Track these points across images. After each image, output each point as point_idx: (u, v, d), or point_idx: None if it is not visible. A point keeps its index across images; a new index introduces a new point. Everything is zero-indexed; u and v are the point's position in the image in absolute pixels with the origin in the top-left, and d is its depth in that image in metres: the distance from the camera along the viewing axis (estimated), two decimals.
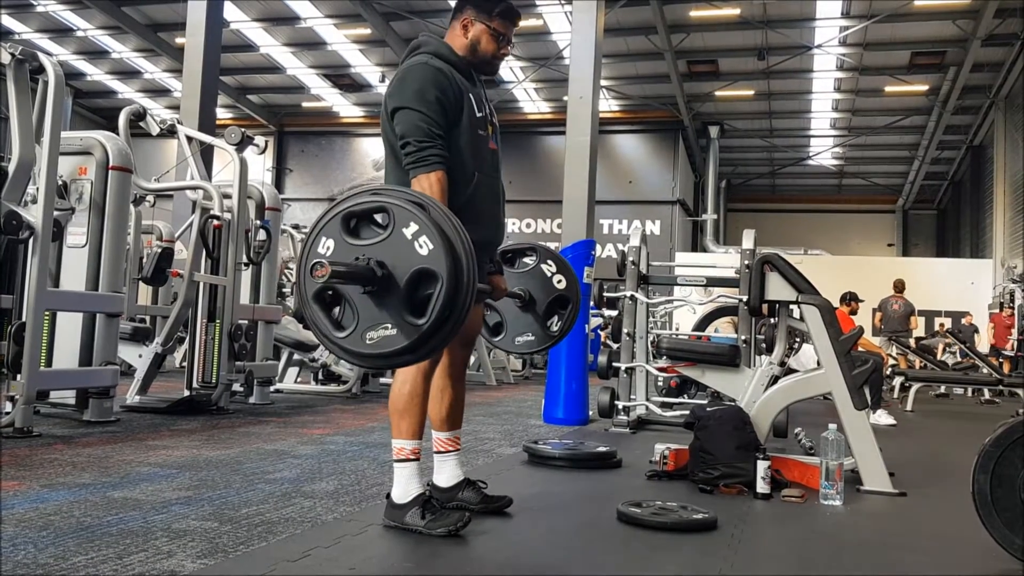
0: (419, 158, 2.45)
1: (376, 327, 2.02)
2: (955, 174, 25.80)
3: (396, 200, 2.03)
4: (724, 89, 20.36)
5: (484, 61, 2.70)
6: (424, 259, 1.98)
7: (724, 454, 3.47)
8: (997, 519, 2.34)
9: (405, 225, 2.00)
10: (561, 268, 3.21)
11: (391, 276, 2.01)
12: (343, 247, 2.06)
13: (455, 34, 2.68)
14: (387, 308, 2.01)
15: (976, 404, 10.11)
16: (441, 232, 1.99)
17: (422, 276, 1.99)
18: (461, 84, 2.58)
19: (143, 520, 2.54)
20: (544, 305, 3.19)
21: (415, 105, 2.47)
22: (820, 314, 3.67)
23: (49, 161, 4.24)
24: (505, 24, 2.68)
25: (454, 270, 1.97)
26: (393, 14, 17.80)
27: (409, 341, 2.00)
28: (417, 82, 2.50)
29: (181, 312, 5.71)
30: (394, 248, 2.01)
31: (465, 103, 2.57)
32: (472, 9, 2.66)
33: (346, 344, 2.05)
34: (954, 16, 15.98)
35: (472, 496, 2.77)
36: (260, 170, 22.30)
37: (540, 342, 3.24)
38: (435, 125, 2.47)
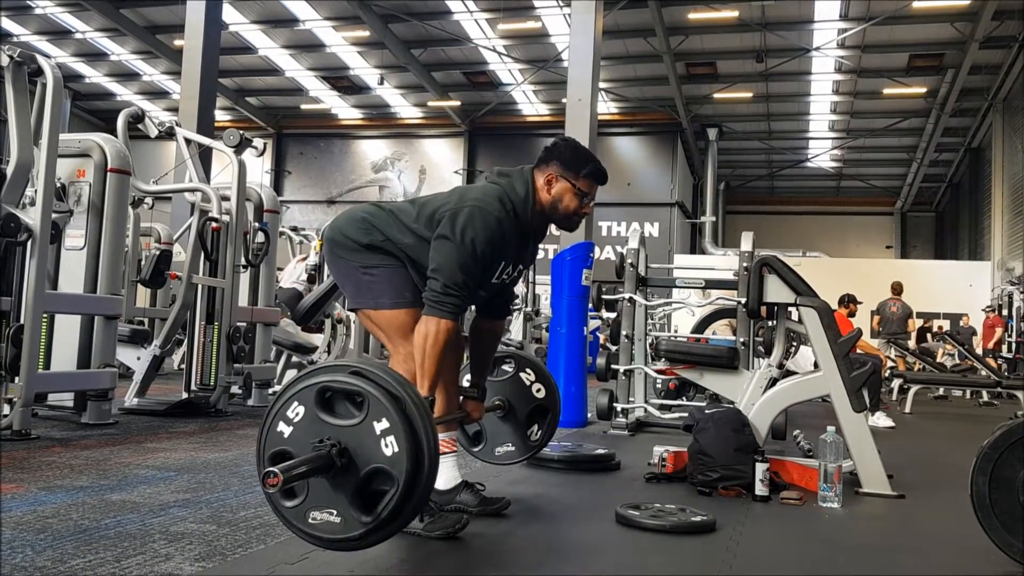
0: (441, 301, 2.46)
1: (321, 509, 1.99)
2: (953, 176, 25.83)
3: (374, 390, 1.98)
4: (723, 91, 20.38)
5: (563, 218, 2.67)
6: (387, 459, 1.95)
7: (723, 456, 3.47)
8: (996, 521, 2.34)
9: (377, 419, 1.96)
10: (540, 377, 3.19)
11: (351, 464, 1.97)
12: (312, 419, 2.01)
13: (539, 185, 2.64)
14: (338, 493, 1.98)
15: (975, 406, 10.11)
16: (411, 434, 1.95)
17: (380, 474, 1.97)
18: (508, 248, 2.58)
19: (141, 523, 2.53)
20: (524, 415, 3.17)
21: (464, 251, 2.46)
22: (819, 316, 3.67)
23: (47, 163, 4.24)
24: (591, 184, 2.66)
25: (413, 478, 1.95)
26: (392, 16, 17.81)
27: (351, 534, 1.98)
28: (478, 230, 2.47)
29: (179, 314, 5.70)
30: (361, 437, 1.97)
31: (493, 266, 2.59)
32: (559, 165, 2.63)
33: (289, 515, 2.02)
34: (952, 18, 16.00)
35: (470, 498, 2.77)
36: (259, 172, 22.30)
37: (520, 452, 3.23)
38: (471, 278, 2.49)
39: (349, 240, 2.63)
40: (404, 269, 2.59)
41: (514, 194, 2.59)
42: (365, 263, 2.61)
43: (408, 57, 19.67)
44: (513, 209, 2.57)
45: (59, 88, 4.33)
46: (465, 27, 18.27)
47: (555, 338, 6.15)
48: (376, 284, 2.61)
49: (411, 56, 19.76)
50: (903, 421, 7.45)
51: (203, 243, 5.57)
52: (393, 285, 2.59)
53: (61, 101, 4.38)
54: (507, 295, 2.87)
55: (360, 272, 2.62)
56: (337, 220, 2.72)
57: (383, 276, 2.60)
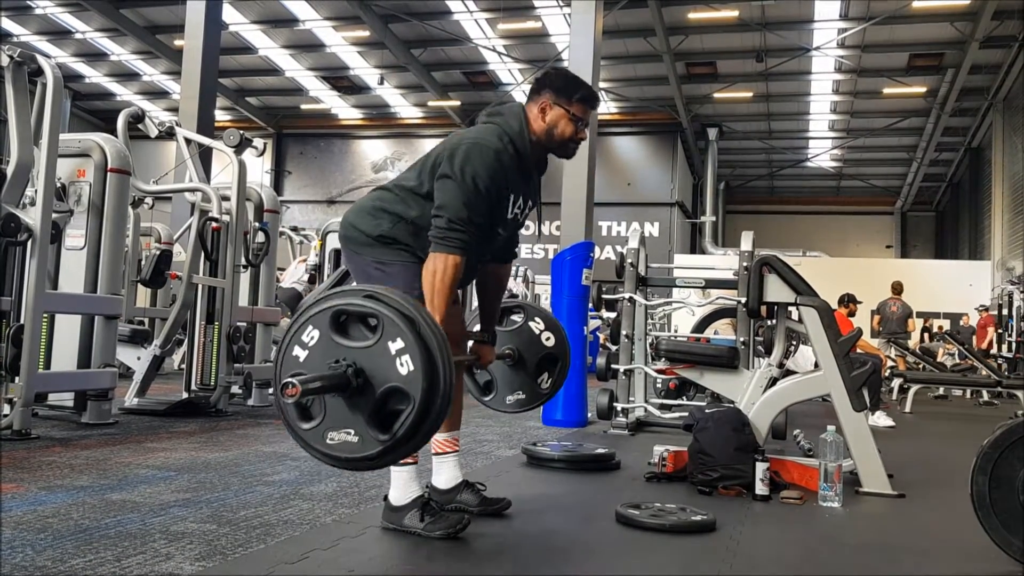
0: (447, 236, 2.46)
1: (339, 429, 2.01)
2: (953, 176, 25.84)
3: (388, 311, 2.00)
4: (723, 91, 20.39)
5: (559, 145, 2.68)
6: (402, 378, 1.96)
7: (723, 456, 3.47)
8: (996, 521, 2.34)
9: (392, 339, 1.98)
10: (549, 326, 3.18)
11: (367, 385, 1.99)
12: (327, 342, 2.03)
13: (532, 115, 2.65)
14: (355, 413, 2.00)
15: (975, 405, 10.11)
16: (426, 353, 1.96)
17: (396, 393, 1.98)
18: (512, 181, 2.58)
19: (141, 522, 2.54)
20: (533, 364, 3.17)
21: (466, 186, 2.46)
22: (819, 316, 3.67)
23: (47, 163, 4.24)
24: (584, 109, 2.67)
25: (428, 396, 1.95)
26: (392, 16, 17.82)
27: (367, 452, 1.99)
28: (478, 165, 2.48)
29: (180, 314, 5.70)
30: (376, 359, 1.99)
31: (503, 201, 2.58)
32: (551, 92, 2.64)
33: (307, 437, 2.03)
34: (952, 18, 16.01)
35: (471, 498, 2.77)
36: (259, 172, 22.30)
37: (531, 400, 3.22)
38: (476, 213, 2.48)
39: (360, 233, 2.62)
40: (417, 265, 2.58)
41: (509, 128, 2.60)
42: (378, 258, 2.60)
43: (408, 57, 19.67)
44: (511, 142, 2.58)
45: (59, 88, 4.33)
46: (465, 27, 18.27)
47: None
48: (388, 280, 2.60)
49: (411, 56, 19.76)
50: (903, 420, 7.45)
51: (203, 243, 5.57)
52: (405, 281, 2.59)
53: (61, 101, 4.38)
54: (514, 238, 2.85)
55: (373, 267, 2.62)
56: (347, 215, 2.71)
57: (395, 271, 2.60)
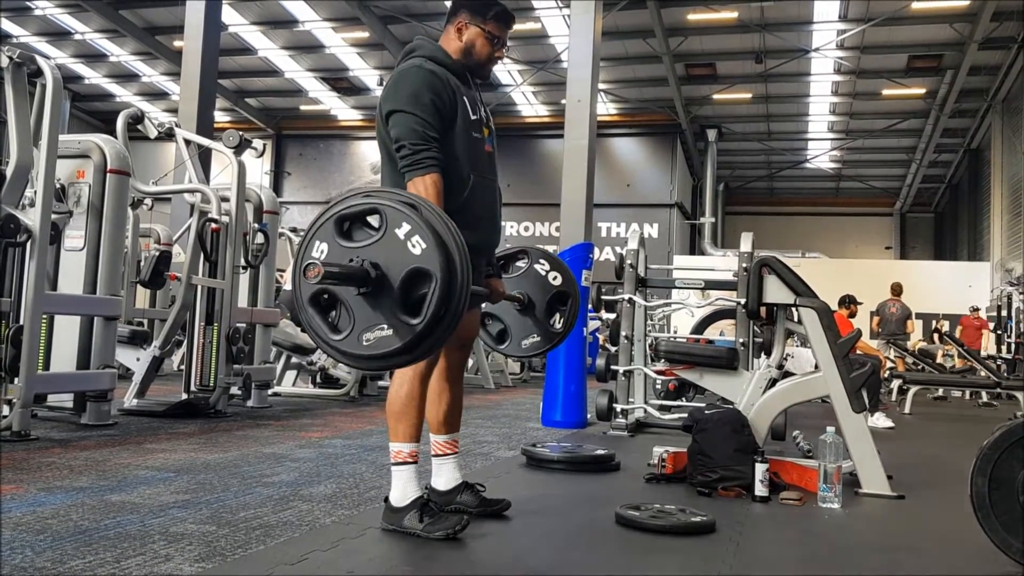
0: (414, 161, 2.45)
1: (372, 328, 2.02)
2: (952, 177, 25.85)
3: (388, 202, 2.04)
4: (722, 92, 20.40)
5: (478, 64, 2.71)
6: (417, 259, 1.99)
7: (722, 457, 3.48)
8: (995, 522, 2.34)
9: (397, 226, 2.01)
10: (555, 266, 3.21)
11: (385, 277, 2.01)
12: (337, 250, 2.06)
13: (449, 38, 2.69)
14: (382, 309, 2.02)
15: (974, 407, 10.12)
16: (434, 231, 2.00)
17: (416, 276, 2.00)
18: (455, 87, 2.59)
19: (141, 524, 2.53)
20: (544, 305, 3.18)
21: (410, 108, 2.48)
22: (818, 317, 3.67)
23: (47, 164, 4.24)
24: (499, 27, 2.69)
25: (447, 268, 1.98)
26: (391, 17, 17.82)
27: (405, 341, 2.00)
28: (411, 85, 2.51)
29: (179, 315, 5.70)
30: (388, 249, 2.02)
31: (459, 106, 2.58)
32: (466, 12, 2.67)
33: (343, 347, 2.06)
34: (951, 19, 16.02)
35: (470, 499, 2.77)
36: (258, 173, 22.32)
37: (546, 341, 3.22)
38: (430, 128, 2.48)
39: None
40: None
41: (431, 54, 2.62)
42: None
43: None
44: (431, 60, 2.60)
45: (59, 89, 4.33)
46: None
47: None
48: None
49: None
50: (902, 422, 7.45)
51: (203, 244, 5.57)
52: None
53: (60, 102, 4.38)
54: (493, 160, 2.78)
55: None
56: None
57: None
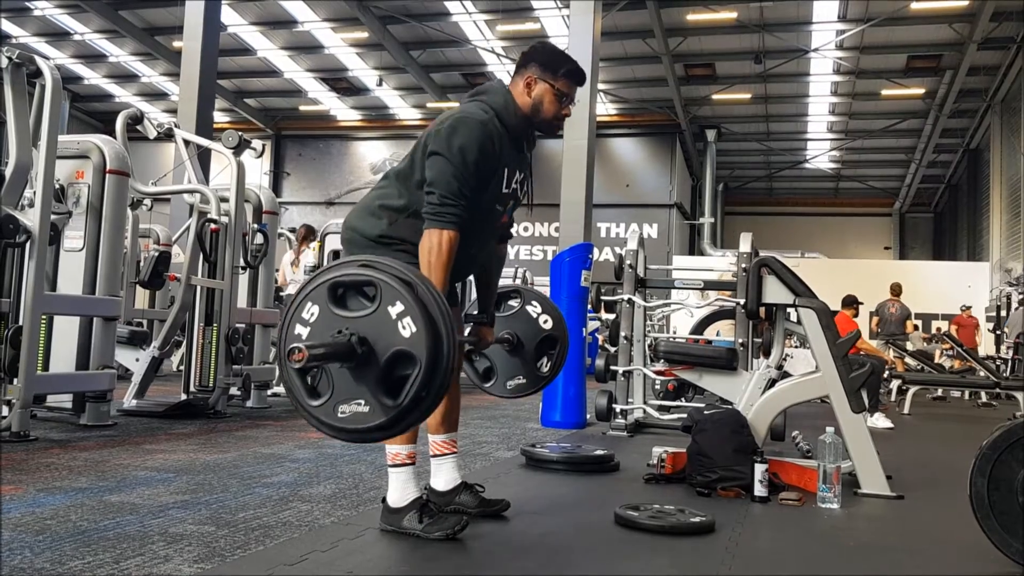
0: (439, 212, 2.45)
1: (349, 401, 2.00)
2: (952, 177, 25.86)
3: (385, 277, 2.00)
4: (721, 93, 20.40)
5: (545, 121, 2.67)
6: (405, 341, 1.96)
7: (722, 457, 3.48)
8: (994, 522, 2.34)
9: (391, 303, 1.98)
10: (547, 308, 3.18)
11: (371, 353, 1.98)
12: (327, 316, 2.02)
13: (518, 91, 2.65)
14: (363, 383, 1.99)
15: (973, 407, 10.12)
16: (426, 314, 1.96)
17: (402, 357, 1.97)
18: (503, 154, 2.57)
19: (140, 524, 2.53)
20: (532, 347, 3.16)
21: (455, 160, 2.45)
22: (817, 317, 3.67)
23: (46, 165, 4.24)
24: (570, 85, 2.66)
25: (433, 355, 1.95)
26: (390, 17, 17.82)
27: (380, 420, 1.98)
28: (465, 139, 2.47)
29: (178, 316, 5.70)
30: (378, 325, 1.98)
31: (497, 177, 2.57)
32: (537, 67, 2.63)
33: (318, 413, 2.02)
34: (951, 20, 16.03)
35: (469, 500, 2.77)
36: (257, 174, 22.31)
37: (531, 384, 3.22)
38: (466, 186, 2.47)
39: (359, 235, 2.61)
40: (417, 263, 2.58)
41: (494, 103, 2.60)
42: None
43: (407, 58, 19.67)
44: (496, 115, 2.58)
45: (58, 89, 4.33)
46: (464, 28, 18.28)
47: None
48: None
49: (410, 57, 19.76)
50: (902, 422, 7.45)
51: (202, 244, 5.57)
52: None
53: (60, 102, 4.38)
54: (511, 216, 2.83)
55: None
56: (348, 217, 2.71)
57: None
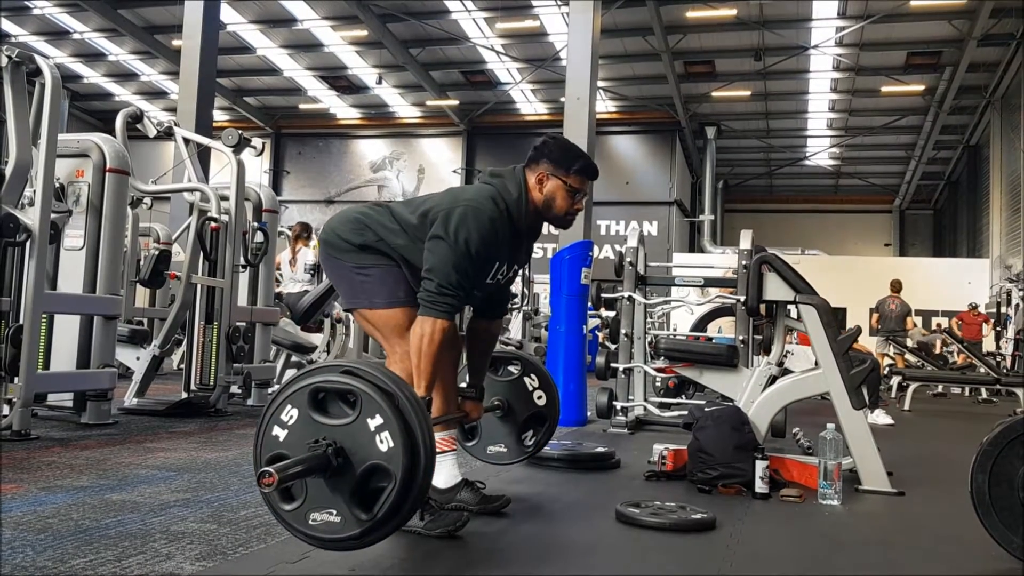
0: (435, 300, 2.46)
1: (321, 510, 1.99)
2: (951, 174, 25.84)
3: (366, 388, 1.98)
4: (721, 90, 20.39)
5: (557, 217, 2.67)
6: (382, 455, 1.94)
7: (722, 454, 3.48)
8: (995, 518, 2.34)
9: (371, 416, 1.96)
10: (543, 384, 3.18)
11: (347, 463, 1.97)
12: (306, 421, 2.00)
13: (530, 184, 2.64)
14: (337, 493, 1.97)
15: (974, 403, 10.13)
16: (405, 429, 1.95)
17: (377, 470, 1.96)
18: (502, 249, 2.58)
19: (142, 522, 2.54)
20: (521, 419, 3.17)
21: (458, 252, 2.46)
22: (818, 314, 3.67)
23: (46, 164, 4.23)
24: (582, 180, 2.66)
25: (410, 472, 1.94)
26: (390, 16, 17.81)
27: (353, 531, 1.97)
28: (472, 229, 2.47)
29: (179, 314, 5.70)
30: (356, 436, 1.97)
31: (488, 267, 2.58)
32: (549, 164, 2.62)
33: (289, 518, 2.01)
34: (950, 16, 16.01)
35: (470, 497, 2.77)
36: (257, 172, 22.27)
37: (512, 455, 3.22)
38: (466, 279, 2.49)
39: (342, 241, 2.63)
40: (398, 268, 2.60)
41: (507, 194, 2.60)
42: (359, 263, 2.62)
43: (406, 56, 19.66)
44: (507, 209, 2.58)
45: (57, 88, 4.32)
46: (463, 26, 18.27)
47: (554, 337, 6.16)
48: (370, 284, 2.62)
49: (409, 55, 19.75)
50: (902, 418, 7.46)
51: (202, 243, 5.57)
52: (387, 285, 2.60)
53: (59, 101, 4.37)
54: (503, 295, 2.88)
55: (354, 272, 2.63)
56: (331, 221, 2.72)
57: (377, 276, 2.61)
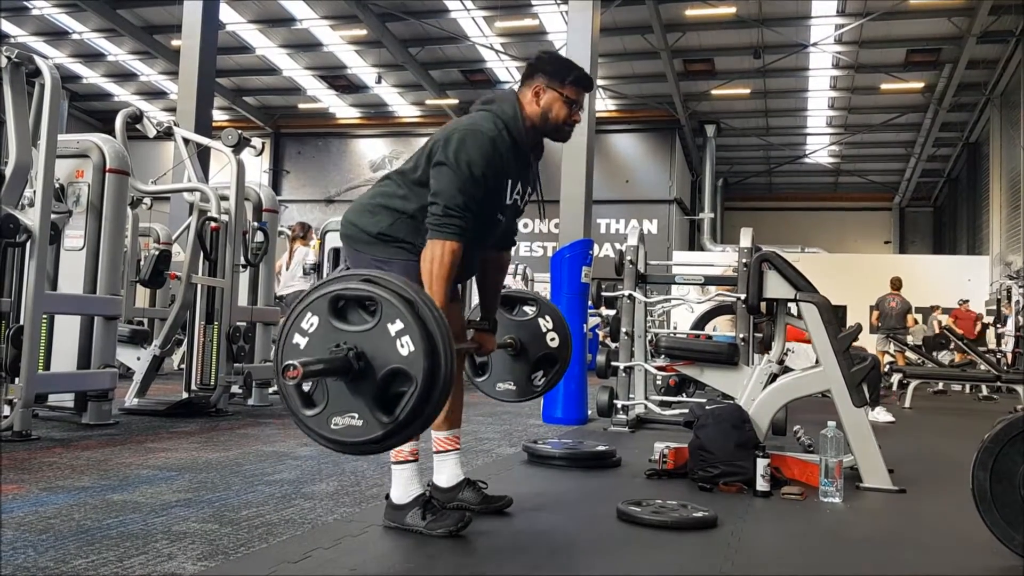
0: (443, 223, 2.46)
1: (343, 414, 2.01)
2: (951, 171, 25.84)
3: (386, 294, 2.00)
4: (720, 88, 20.38)
5: (554, 129, 2.68)
6: (403, 359, 1.96)
7: (723, 452, 3.48)
8: (996, 515, 2.34)
9: (391, 321, 1.98)
10: (558, 326, 3.18)
11: (368, 368, 1.99)
12: (327, 328, 2.02)
13: (526, 100, 2.65)
14: (358, 398, 2.00)
15: (974, 400, 10.13)
16: (425, 334, 1.96)
17: (398, 375, 1.98)
18: (509, 168, 2.57)
19: (143, 523, 2.54)
20: (533, 359, 3.17)
21: (462, 172, 2.46)
22: (818, 312, 3.67)
23: (46, 164, 4.24)
24: (578, 91, 2.66)
25: (430, 375, 1.95)
26: (389, 15, 17.79)
27: (373, 435, 1.99)
28: (473, 151, 2.48)
29: (179, 314, 5.70)
30: (376, 341, 1.99)
31: (501, 189, 2.58)
32: (544, 76, 2.63)
33: (311, 423, 2.03)
34: (949, 13, 16.01)
35: (472, 496, 2.77)
36: (257, 172, 22.27)
37: (521, 393, 3.22)
38: (472, 199, 2.48)
39: (360, 231, 2.62)
40: (417, 263, 2.59)
41: (503, 113, 2.60)
42: (378, 256, 2.60)
43: (406, 56, 19.65)
44: (505, 127, 2.58)
45: (57, 89, 4.32)
46: (462, 25, 18.26)
47: None
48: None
49: (409, 55, 19.74)
50: (903, 416, 7.46)
51: (202, 243, 5.57)
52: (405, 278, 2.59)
53: (59, 102, 4.37)
54: (513, 225, 2.83)
55: (374, 264, 2.62)
56: (347, 213, 2.70)
57: (395, 269, 2.58)
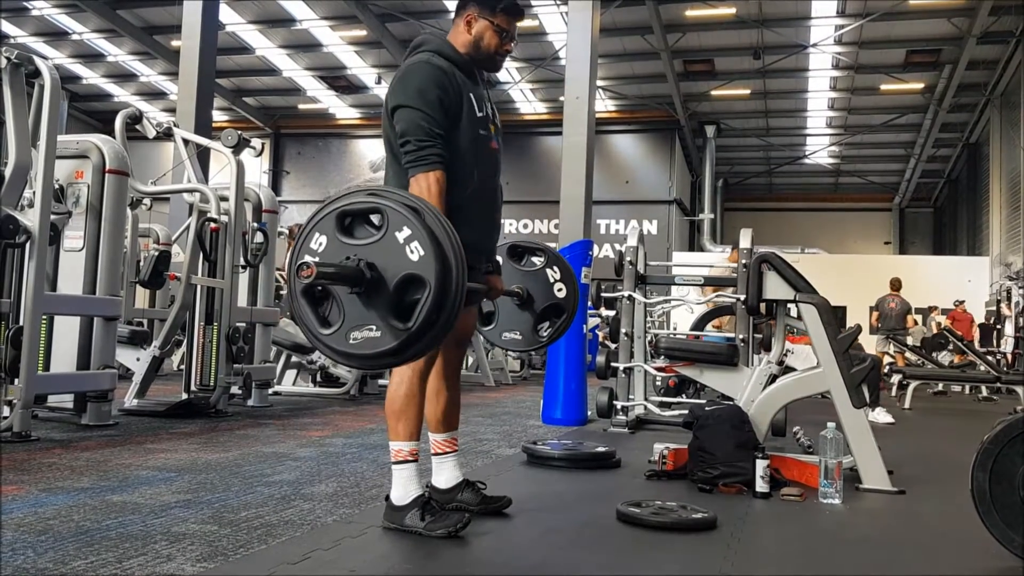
0: (418, 157, 2.45)
1: (361, 328, 2.02)
2: (951, 172, 25.84)
3: (391, 203, 2.03)
4: (720, 88, 20.39)
5: (487, 57, 2.69)
6: (414, 265, 1.98)
7: (723, 453, 3.48)
8: (996, 516, 2.34)
9: (398, 229, 2.01)
10: (565, 276, 3.19)
11: (381, 278, 2.01)
12: (335, 245, 2.06)
13: (458, 31, 2.68)
14: (373, 309, 2.02)
15: (974, 401, 10.13)
16: (433, 238, 1.99)
17: (411, 281, 2.00)
18: (462, 83, 2.58)
19: (142, 524, 2.54)
20: (540, 309, 3.18)
21: (416, 104, 2.47)
22: (818, 312, 3.67)
23: (45, 165, 4.24)
24: (508, 20, 2.68)
25: (443, 278, 1.97)
26: (389, 15, 17.80)
27: (393, 344, 2.00)
28: (418, 80, 2.50)
29: (179, 315, 5.70)
30: (386, 251, 2.02)
31: (465, 102, 2.57)
32: (475, 6, 2.66)
33: (330, 342, 2.06)
34: (949, 14, 16.01)
35: (471, 497, 2.77)
36: (256, 172, 22.28)
37: (526, 343, 3.24)
38: (436, 124, 2.48)
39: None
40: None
41: (439, 48, 2.62)
42: None
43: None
44: (440, 55, 2.60)
45: (57, 89, 4.32)
46: None
47: None
48: None
49: None
50: (902, 417, 7.46)
51: (202, 244, 5.57)
52: None
53: (59, 102, 4.37)
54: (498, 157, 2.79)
55: None
56: None
57: None
